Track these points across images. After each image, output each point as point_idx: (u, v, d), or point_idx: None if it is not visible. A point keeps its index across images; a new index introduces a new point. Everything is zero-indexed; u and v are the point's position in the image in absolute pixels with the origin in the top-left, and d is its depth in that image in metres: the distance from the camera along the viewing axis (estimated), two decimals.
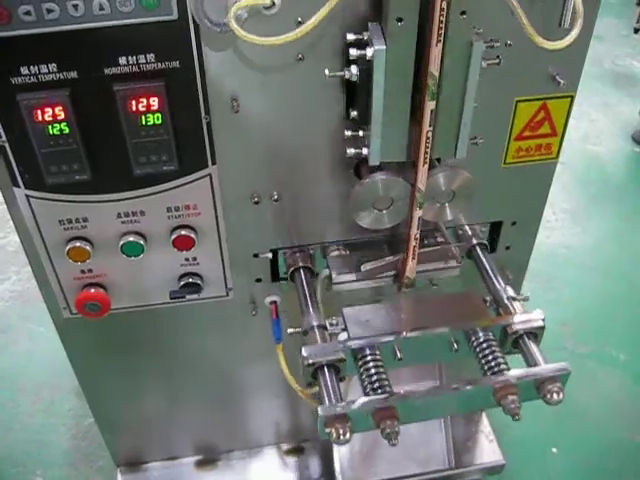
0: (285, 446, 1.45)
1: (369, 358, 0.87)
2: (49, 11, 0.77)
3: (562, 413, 1.69)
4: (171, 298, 1.06)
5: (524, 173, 1.04)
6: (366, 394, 0.85)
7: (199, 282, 1.05)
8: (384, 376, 0.86)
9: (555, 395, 0.86)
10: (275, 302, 1.11)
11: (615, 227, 2.35)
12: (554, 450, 1.67)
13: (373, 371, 0.87)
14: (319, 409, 0.82)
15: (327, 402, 0.83)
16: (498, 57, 0.84)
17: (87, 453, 1.68)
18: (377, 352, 0.88)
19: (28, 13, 0.77)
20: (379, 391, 0.85)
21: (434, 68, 0.78)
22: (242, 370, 1.26)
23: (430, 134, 0.83)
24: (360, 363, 0.88)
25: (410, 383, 1.07)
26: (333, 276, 1.02)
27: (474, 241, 1.09)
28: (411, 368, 1.00)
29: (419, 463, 1.26)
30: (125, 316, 1.09)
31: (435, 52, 0.76)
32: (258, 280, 1.09)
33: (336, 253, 1.06)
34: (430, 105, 0.80)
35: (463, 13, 0.74)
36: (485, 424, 1.49)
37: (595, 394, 1.76)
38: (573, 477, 1.61)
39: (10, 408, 1.79)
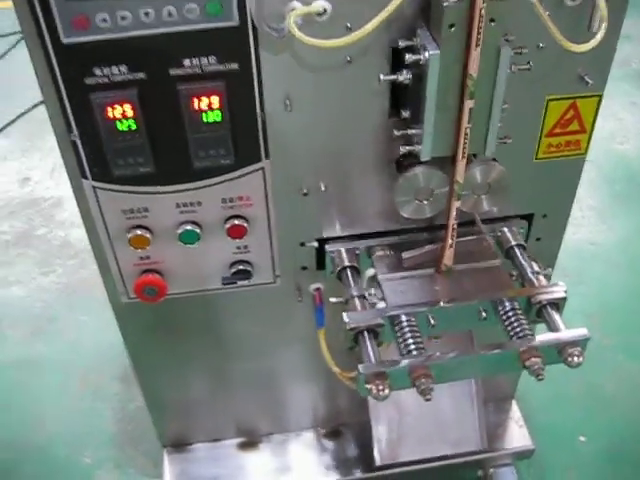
0: (323, 430, 1.52)
1: (405, 324, 0.96)
2: (123, 18, 0.85)
3: (590, 402, 1.75)
4: (223, 284, 1.14)
5: (555, 168, 1.11)
6: (403, 355, 0.93)
7: (249, 269, 1.13)
8: (420, 340, 0.94)
9: (576, 358, 0.93)
10: (319, 289, 1.18)
11: None
12: (582, 438, 1.73)
13: (409, 335, 0.95)
14: (360, 367, 0.90)
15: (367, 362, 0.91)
16: (529, 62, 0.90)
17: (133, 436, 1.77)
18: (412, 319, 0.96)
19: (104, 20, 0.85)
20: (415, 353, 0.93)
21: (473, 70, 0.85)
22: (285, 355, 1.33)
23: (468, 131, 0.90)
24: (397, 328, 0.96)
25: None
26: (378, 276, 1.09)
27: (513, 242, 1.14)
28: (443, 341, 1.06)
29: (452, 445, 1.33)
30: (179, 301, 1.17)
31: (474, 55, 0.83)
32: (304, 268, 1.16)
33: (381, 253, 1.13)
34: (469, 104, 0.87)
35: (492, 20, 0.80)
36: (515, 410, 1.55)
37: (622, 384, 1.81)
38: (600, 464, 1.66)
39: (59, 393, 1.89)
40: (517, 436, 1.52)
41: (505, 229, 1.14)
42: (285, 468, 1.48)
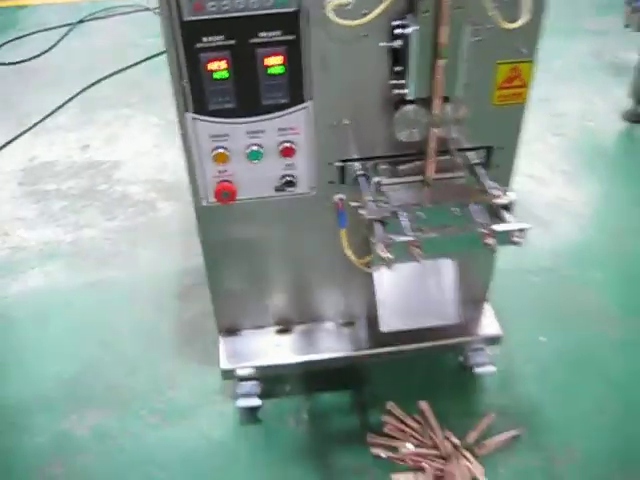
0: (341, 320, 2.02)
1: (404, 214, 1.45)
2: (224, 5, 1.35)
3: (547, 317, 2.24)
4: (275, 191, 1.64)
5: (505, 112, 1.60)
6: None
7: (294, 181, 1.63)
8: (412, 226, 1.43)
9: (516, 238, 1.42)
10: (342, 199, 1.67)
11: (603, 186, 2.89)
12: (542, 339, 2.22)
13: (406, 222, 1.44)
14: (375, 237, 1.40)
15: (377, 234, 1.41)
16: (480, 37, 1.40)
17: (189, 336, 2.25)
18: (407, 214, 1.46)
19: (213, 6, 1.35)
20: (409, 233, 1.42)
21: (444, 40, 1.35)
22: (315, 254, 1.82)
23: (442, 80, 1.40)
24: (397, 219, 1.45)
25: None
26: (382, 181, 1.59)
27: (476, 160, 1.65)
28: None
29: (436, 317, 1.82)
30: (243, 206, 1.67)
31: (444, 30, 1.33)
32: (331, 182, 1.66)
33: (384, 166, 1.63)
34: (441, 62, 1.37)
35: (458, 7, 1.30)
36: (488, 308, 2.04)
37: (574, 302, 2.31)
38: (559, 360, 2.14)
39: (127, 307, 2.38)
40: (488, 327, 2.01)
41: (471, 153, 1.64)
42: (310, 346, 1.97)
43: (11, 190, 2.95)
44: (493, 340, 2.01)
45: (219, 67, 1.43)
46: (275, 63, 1.43)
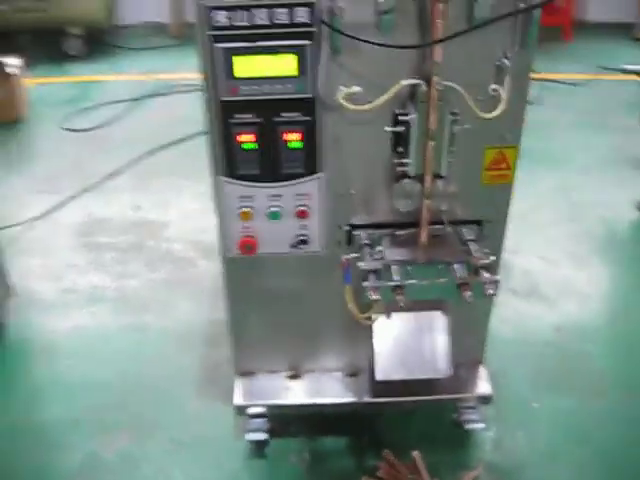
0: (346, 371, 2.22)
1: (395, 268, 1.69)
2: (254, 90, 1.66)
3: (542, 386, 2.41)
4: (291, 247, 1.90)
5: (493, 190, 1.85)
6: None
7: (307, 240, 1.89)
8: (400, 277, 1.67)
9: (491, 291, 1.64)
10: (348, 258, 1.92)
11: (611, 270, 3.07)
12: (535, 404, 2.37)
13: (395, 275, 1.68)
14: (366, 283, 1.64)
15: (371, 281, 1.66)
16: (468, 125, 1.66)
17: (213, 378, 2.49)
18: (397, 267, 1.70)
19: (245, 90, 1.66)
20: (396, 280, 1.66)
21: (433, 127, 1.62)
22: (323, 306, 2.06)
23: (432, 160, 1.67)
24: (389, 271, 1.70)
25: None
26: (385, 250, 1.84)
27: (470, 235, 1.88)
28: None
29: (428, 370, 2.02)
30: (262, 260, 1.93)
31: (432, 118, 1.60)
32: (339, 244, 1.92)
33: (388, 238, 1.88)
34: (431, 143, 1.64)
35: (440, 100, 1.58)
36: (482, 371, 2.22)
37: (570, 374, 2.47)
38: (549, 425, 2.30)
39: (161, 350, 2.64)
40: (481, 387, 2.19)
41: (464, 229, 1.88)
42: (316, 391, 2.17)
43: (69, 240, 3.30)
44: (484, 399, 2.19)
45: (248, 139, 1.73)
46: (294, 139, 1.73)
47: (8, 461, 2.18)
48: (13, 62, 4.65)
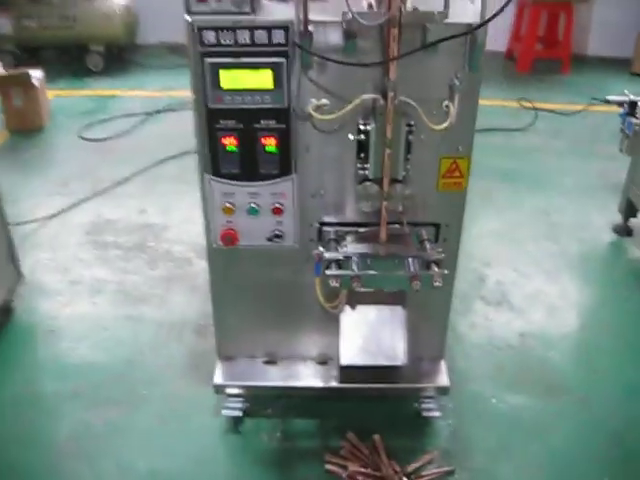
0: (317, 359, 2.44)
1: (355, 260, 1.92)
2: (237, 100, 1.91)
3: (503, 384, 2.60)
4: (267, 241, 2.14)
5: (449, 196, 2.08)
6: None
7: (281, 234, 2.13)
8: (358, 268, 1.90)
9: (437, 283, 1.87)
10: (318, 252, 2.15)
11: (581, 286, 3.26)
12: (493, 400, 2.57)
13: (355, 265, 1.91)
14: (327, 272, 1.87)
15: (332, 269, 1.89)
16: (418, 137, 1.90)
17: (199, 363, 2.71)
18: (357, 258, 1.93)
19: (229, 99, 1.91)
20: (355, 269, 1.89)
21: (389, 136, 1.85)
22: (296, 296, 2.28)
23: (389, 166, 1.90)
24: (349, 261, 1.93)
25: None
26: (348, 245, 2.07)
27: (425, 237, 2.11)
28: None
29: (386, 357, 2.23)
30: (241, 251, 2.17)
31: (389, 129, 1.84)
32: (311, 240, 2.15)
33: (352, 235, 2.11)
34: (387, 150, 1.87)
35: (396, 113, 1.82)
36: (442, 365, 2.43)
37: (530, 376, 2.67)
38: (504, 420, 2.50)
39: (153, 337, 2.87)
40: (439, 379, 2.39)
41: (423, 230, 2.11)
42: (291, 376, 2.39)
43: (78, 238, 3.56)
44: (442, 390, 2.39)
45: (230, 142, 1.98)
46: (270, 143, 1.97)
47: (8, 426, 2.41)
48: (37, 74, 4.97)
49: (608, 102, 3.80)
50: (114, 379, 2.62)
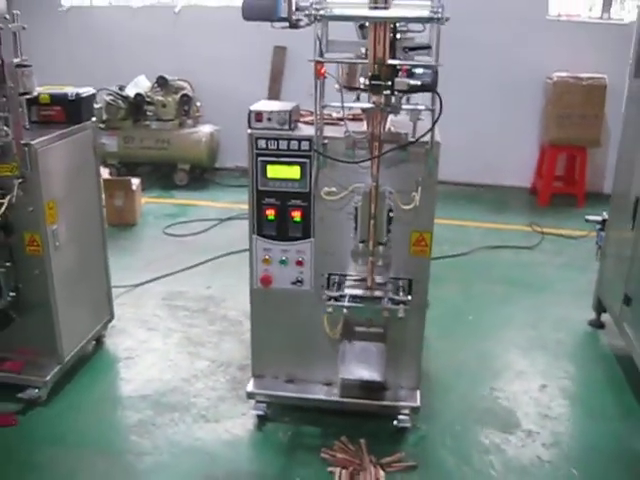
0: (324, 381, 3.28)
1: (347, 298, 2.84)
2: (276, 184, 2.94)
3: (469, 419, 3.37)
4: (292, 284, 3.08)
5: (418, 259, 2.99)
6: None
7: (302, 280, 3.07)
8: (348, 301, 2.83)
9: (401, 315, 2.76)
10: (324, 297, 3.06)
11: (549, 360, 4.01)
12: (457, 427, 3.31)
13: (347, 300, 2.83)
14: (328, 307, 2.80)
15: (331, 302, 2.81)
16: (396, 215, 2.86)
17: (237, 387, 3.58)
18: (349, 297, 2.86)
19: (271, 184, 2.94)
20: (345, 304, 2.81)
21: (374, 211, 2.83)
22: (311, 327, 3.17)
23: (373, 230, 2.86)
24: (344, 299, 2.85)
25: None
26: (345, 289, 3.00)
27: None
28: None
29: (370, 376, 3.05)
30: (274, 291, 3.11)
31: (373, 206, 2.82)
32: (322, 285, 3.08)
33: (349, 281, 3.05)
34: (372, 221, 2.84)
35: (380, 197, 2.80)
36: (417, 395, 3.23)
37: (488, 417, 3.42)
38: (463, 442, 3.24)
39: (210, 372, 3.78)
40: (412, 401, 3.19)
41: (400, 282, 3.01)
42: (303, 391, 3.24)
43: (156, 301, 4.58)
44: (414, 410, 3.18)
45: (270, 213, 2.99)
46: (296, 215, 2.97)
47: (97, 415, 3.32)
48: (136, 182, 6.26)
49: (587, 221, 4.70)
50: (173, 390, 3.52)
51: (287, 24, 2.50)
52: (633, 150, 3.88)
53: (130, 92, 7.39)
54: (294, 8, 2.47)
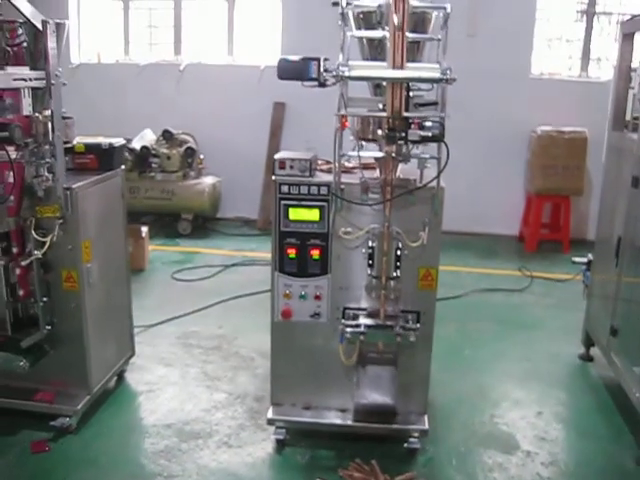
0: (340, 408, 3.55)
1: (361, 326, 3.15)
2: (296, 226, 3.27)
3: (473, 443, 3.64)
4: (310, 317, 3.38)
5: (420, 293, 3.31)
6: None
7: (320, 313, 3.37)
8: (365, 330, 3.13)
9: (412, 339, 3.06)
10: (342, 327, 3.35)
11: (541, 388, 4.30)
12: (462, 449, 3.57)
13: (361, 329, 3.14)
14: (346, 331, 3.10)
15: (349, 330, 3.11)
16: (404, 252, 3.19)
17: (255, 414, 3.83)
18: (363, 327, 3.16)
19: (292, 225, 3.27)
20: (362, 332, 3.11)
21: (385, 249, 3.15)
22: (327, 357, 3.45)
23: (386, 268, 3.18)
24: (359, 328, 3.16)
25: None
26: (360, 319, 3.31)
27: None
28: None
29: (383, 400, 3.32)
30: (293, 323, 3.40)
31: (385, 246, 3.15)
32: (337, 318, 3.38)
33: (364, 313, 3.35)
34: (385, 258, 3.16)
35: (390, 236, 3.13)
36: (425, 419, 3.50)
37: (490, 441, 3.69)
38: (467, 463, 3.50)
39: (230, 402, 4.03)
40: (420, 424, 3.46)
41: (409, 314, 3.32)
42: (319, 417, 3.50)
43: (170, 340, 4.83)
44: (423, 432, 3.44)
45: (291, 252, 3.30)
46: (316, 254, 3.29)
47: (121, 443, 3.55)
48: (144, 229, 6.56)
49: (574, 263, 5.06)
50: (195, 419, 3.76)
51: (316, 83, 2.86)
52: (614, 196, 4.26)
53: (136, 145, 7.75)
54: (323, 70, 2.84)
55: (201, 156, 8.01)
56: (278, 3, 8.07)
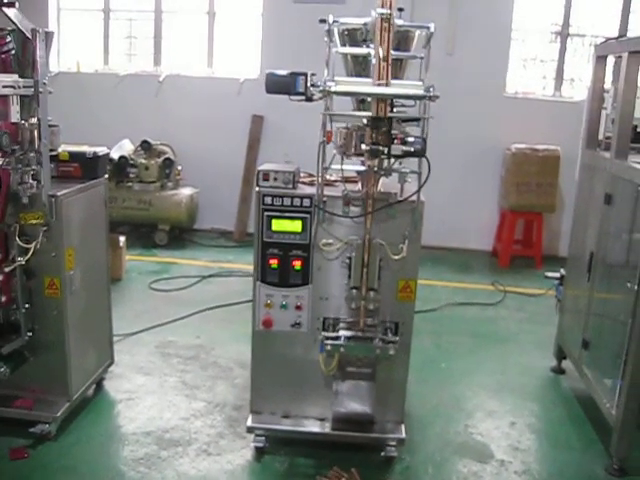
0: (318, 417, 3.60)
1: (341, 338, 3.21)
2: (279, 237, 3.33)
3: (449, 451, 3.72)
4: (291, 327, 3.43)
5: (403, 304, 3.38)
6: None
7: (300, 323, 3.42)
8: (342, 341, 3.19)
9: (392, 352, 3.12)
10: (322, 337, 3.41)
11: (515, 401, 4.39)
12: (438, 457, 3.64)
13: (341, 340, 3.20)
14: (326, 344, 3.15)
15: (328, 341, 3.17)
16: (385, 264, 3.27)
17: (234, 421, 3.86)
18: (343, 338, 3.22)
19: (276, 236, 3.33)
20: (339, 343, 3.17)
21: (365, 260, 3.23)
22: (306, 365, 3.50)
23: (366, 277, 3.25)
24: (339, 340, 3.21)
25: None
26: (339, 330, 3.37)
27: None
28: None
29: (361, 409, 3.38)
30: (274, 333, 3.45)
31: (365, 257, 3.22)
32: (317, 328, 3.44)
33: (343, 324, 3.41)
34: (365, 269, 3.23)
35: (372, 248, 3.21)
36: (402, 427, 3.56)
37: (465, 451, 3.77)
38: (442, 472, 3.57)
39: (210, 410, 4.05)
40: (397, 433, 3.52)
41: (387, 324, 3.39)
42: (298, 425, 3.55)
43: (149, 349, 4.84)
44: (400, 441, 3.50)
45: (273, 262, 3.36)
46: (297, 264, 3.35)
47: (99, 450, 3.55)
48: (122, 239, 6.56)
49: (547, 277, 5.19)
50: (174, 427, 3.78)
51: (303, 97, 2.94)
52: (587, 213, 4.39)
53: (114, 155, 7.74)
54: (309, 85, 2.92)
55: (179, 167, 8.04)
56: (258, 17, 8.17)
